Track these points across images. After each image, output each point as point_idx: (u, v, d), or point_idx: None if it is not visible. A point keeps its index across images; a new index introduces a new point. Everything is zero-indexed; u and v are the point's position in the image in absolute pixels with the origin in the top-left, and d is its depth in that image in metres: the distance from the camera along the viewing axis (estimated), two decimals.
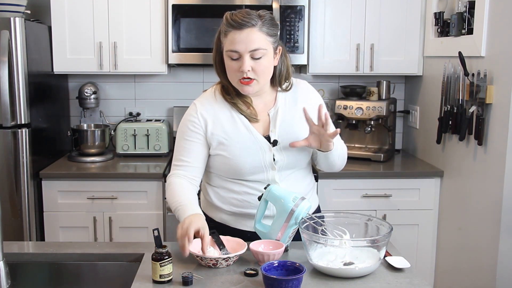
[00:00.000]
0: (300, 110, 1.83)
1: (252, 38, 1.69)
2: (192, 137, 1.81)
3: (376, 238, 1.59)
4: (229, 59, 1.73)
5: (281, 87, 1.87)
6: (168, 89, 3.48)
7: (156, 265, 1.50)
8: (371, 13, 3.11)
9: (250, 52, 1.70)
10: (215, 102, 1.84)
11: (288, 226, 1.65)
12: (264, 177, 1.80)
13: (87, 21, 3.04)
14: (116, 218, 2.89)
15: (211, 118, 1.81)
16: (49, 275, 1.77)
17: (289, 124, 1.83)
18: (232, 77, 1.76)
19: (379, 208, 2.94)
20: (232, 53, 1.71)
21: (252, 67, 1.71)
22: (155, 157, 3.22)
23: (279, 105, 1.85)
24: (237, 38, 1.69)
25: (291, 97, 1.88)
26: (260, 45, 1.70)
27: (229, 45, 1.71)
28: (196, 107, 1.83)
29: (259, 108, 1.84)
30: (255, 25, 1.70)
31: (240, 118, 1.81)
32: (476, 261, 2.56)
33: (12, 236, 2.76)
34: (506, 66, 2.31)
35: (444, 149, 2.91)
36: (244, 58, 1.70)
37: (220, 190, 1.86)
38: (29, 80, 2.77)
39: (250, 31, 1.69)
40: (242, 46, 1.69)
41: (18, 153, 2.75)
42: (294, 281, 1.41)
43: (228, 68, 1.76)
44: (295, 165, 1.84)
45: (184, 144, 1.82)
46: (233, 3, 2.98)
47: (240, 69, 1.71)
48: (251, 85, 1.75)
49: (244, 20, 1.69)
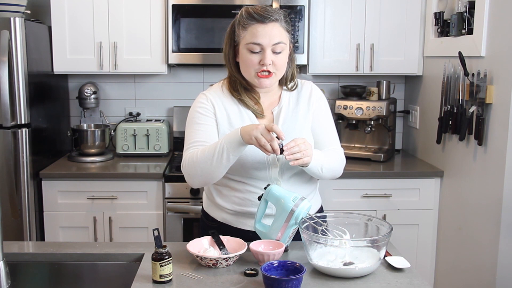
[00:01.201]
0: (303, 109, 1.86)
1: (275, 32, 1.73)
2: (203, 120, 1.81)
3: (376, 238, 1.59)
4: (248, 52, 1.75)
5: (287, 86, 1.89)
6: (168, 89, 3.48)
7: (156, 265, 1.50)
8: (371, 13, 3.11)
9: (273, 46, 1.73)
10: (222, 95, 1.86)
11: (288, 226, 1.65)
12: (266, 174, 1.80)
13: (87, 21, 3.04)
14: (116, 218, 2.89)
15: (218, 105, 1.83)
16: (49, 275, 1.77)
17: (291, 123, 1.84)
18: (250, 71, 1.77)
19: (379, 208, 2.94)
20: (254, 45, 1.73)
21: (272, 60, 1.74)
22: (155, 157, 3.22)
23: (283, 104, 1.87)
24: (261, 31, 1.72)
25: (294, 96, 1.90)
26: (281, 39, 1.74)
27: (251, 38, 1.73)
28: (206, 95, 1.85)
29: (265, 105, 1.86)
30: (278, 19, 1.74)
31: (247, 112, 1.83)
32: (476, 261, 2.56)
33: (12, 236, 2.76)
34: (506, 66, 2.31)
35: (444, 149, 2.91)
36: (266, 51, 1.73)
37: (222, 189, 1.86)
38: (29, 80, 2.77)
39: (273, 25, 1.73)
40: (265, 40, 1.72)
41: (18, 153, 2.75)
42: (294, 281, 1.41)
43: (247, 61, 1.76)
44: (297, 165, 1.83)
45: (197, 127, 1.81)
46: (233, 3, 2.98)
47: (261, 62, 1.73)
48: (270, 79, 1.77)
49: (268, 14, 1.73)
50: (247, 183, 1.82)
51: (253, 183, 1.81)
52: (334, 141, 1.91)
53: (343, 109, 3.19)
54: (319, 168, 1.77)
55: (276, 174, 1.81)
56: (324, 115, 1.92)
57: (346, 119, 3.22)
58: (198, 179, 1.75)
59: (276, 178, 1.81)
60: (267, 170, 1.80)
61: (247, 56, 1.75)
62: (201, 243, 1.70)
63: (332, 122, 1.95)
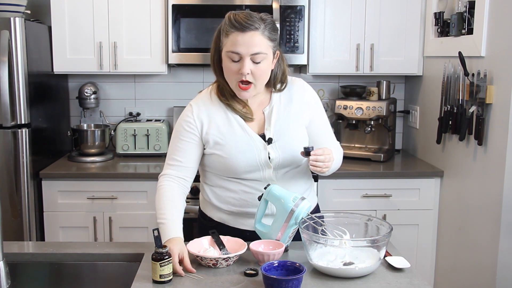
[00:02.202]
0: (295, 108, 1.85)
1: (255, 41, 1.69)
2: (186, 137, 1.81)
3: (376, 238, 1.59)
4: (228, 60, 1.72)
5: (275, 89, 1.87)
6: (168, 89, 3.48)
7: (156, 265, 1.50)
8: (371, 13, 3.11)
9: (251, 56, 1.69)
10: (210, 103, 1.84)
11: (288, 226, 1.65)
12: (260, 175, 1.80)
13: (87, 21, 3.04)
14: (116, 218, 2.89)
15: (206, 119, 1.81)
16: (49, 275, 1.77)
17: (284, 122, 1.83)
18: (231, 79, 1.76)
19: (379, 208, 2.94)
20: (232, 54, 1.70)
21: (251, 70, 1.71)
22: (155, 157, 3.22)
23: (274, 103, 1.85)
24: (239, 40, 1.68)
25: (286, 95, 1.88)
26: (261, 49, 1.70)
27: (230, 46, 1.70)
28: (192, 108, 1.83)
29: (254, 107, 1.84)
30: (258, 28, 1.69)
31: (235, 117, 1.81)
32: (476, 261, 2.56)
33: (12, 236, 2.76)
34: (506, 66, 2.31)
35: (444, 149, 2.91)
36: (244, 60, 1.69)
37: (217, 189, 1.86)
38: (29, 80, 2.77)
39: (253, 34, 1.69)
40: (244, 49, 1.68)
41: (18, 153, 2.75)
42: (294, 281, 1.41)
43: (227, 69, 1.75)
44: (291, 163, 1.83)
45: (179, 144, 1.82)
46: (233, 3, 2.98)
47: (240, 71, 1.70)
48: (248, 91, 1.75)
49: (248, 23, 1.68)
50: (242, 183, 1.82)
51: (248, 183, 1.81)
52: (331, 138, 1.92)
53: (343, 109, 3.19)
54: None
55: (270, 174, 1.81)
56: (320, 113, 1.92)
57: (346, 119, 3.22)
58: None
59: (270, 178, 1.81)
60: (261, 172, 1.80)
61: (227, 64, 1.74)
62: (201, 243, 1.70)
63: (327, 119, 1.95)
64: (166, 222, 1.71)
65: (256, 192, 1.79)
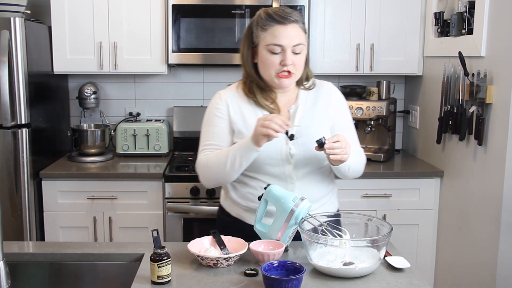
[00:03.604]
0: (321, 108, 1.88)
1: (295, 33, 1.77)
2: (217, 122, 1.86)
3: (376, 238, 1.59)
4: (268, 53, 1.77)
5: (304, 86, 1.91)
6: (168, 89, 3.48)
7: (154, 266, 1.49)
8: (371, 13, 3.11)
9: (293, 47, 1.76)
10: (238, 95, 1.89)
11: (288, 226, 1.65)
12: (280, 171, 1.81)
13: (87, 21, 3.04)
14: (116, 218, 2.89)
15: (233, 105, 1.86)
16: (49, 275, 1.77)
17: (308, 120, 1.85)
18: (270, 71, 1.80)
19: (379, 208, 2.94)
20: (274, 47, 1.76)
21: (292, 61, 1.77)
22: (155, 157, 3.22)
23: (300, 102, 1.89)
24: (282, 32, 1.75)
25: (312, 96, 1.91)
26: (301, 40, 1.78)
27: (272, 39, 1.76)
28: (220, 96, 1.90)
29: (281, 104, 1.88)
30: (297, 20, 1.78)
31: (262, 112, 1.85)
32: (476, 261, 2.56)
33: (12, 236, 2.76)
34: (506, 66, 2.31)
35: (444, 149, 2.90)
36: (286, 52, 1.76)
37: (237, 184, 1.88)
38: (29, 80, 2.77)
39: (293, 26, 1.77)
40: (286, 40, 1.75)
41: (18, 153, 2.75)
42: (294, 281, 1.41)
43: (267, 62, 1.79)
44: (312, 162, 1.83)
45: (212, 129, 1.86)
46: (233, 3, 2.98)
47: (282, 62, 1.76)
48: (289, 79, 1.80)
49: (287, 15, 1.76)
50: (262, 180, 1.83)
51: (268, 180, 1.82)
52: (355, 142, 1.92)
53: None
54: (347, 168, 1.80)
55: (290, 171, 1.81)
56: (345, 116, 1.94)
57: None
58: (212, 182, 1.86)
59: (290, 176, 1.82)
60: (281, 167, 1.80)
61: (267, 57, 1.78)
62: (201, 243, 1.70)
63: (352, 123, 1.96)
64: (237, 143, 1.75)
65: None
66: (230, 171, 1.75)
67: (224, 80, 3.46)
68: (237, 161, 1.73)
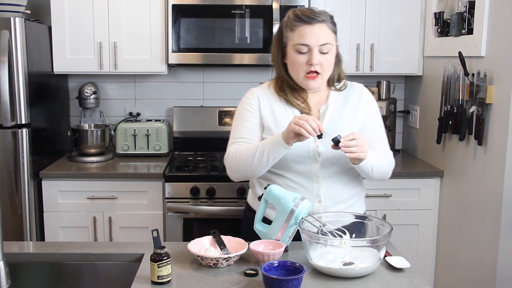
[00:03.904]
0: (350, 109, 1.89)
1: (322, 32, 1.78)
2: (249, 117, 1.88)
3: (376, 238, 1.59)
4: (296, 53, 1.79)
5: (335, 87, 1.92)
6: (168, 89, 3.48)
7: (154, 266, 1.49)
8: (371, 13, 3.11)
9: (320, 46, 1.77)
10: (269, 93, 1.91)
11: (288, 226, 1.65)
12: (307, 169, 1.82)
13: (87, 21, 3.04)
14: (116, 218, 2.89)
15: (264, 102, 1.89)
16: (49, 275, 1.77)
17: (337, 121, 1.86)
18: (298, 71, 1.81)
19: (379, 208, 2.94)
20: (301, 46, 1.78)
21: (319, 61, 1.78)
22: (155, 157, 3.22)
23: (330, 103, 1.89)
24: (308, 32, 1.77)
25: (343, 96, 1.92)
26: (328, 39, 1.79)
27: (298, 39, 1.78)
28: (253, 92, 1.92)
29: (312, 104, 1.89)
30: (325, 20, 1.79)
31: (292, 110, 1.87)
32: (476, 261, 2.56)
33: (12, 236, 2.76)
34: (506, 66, 2.31)
35: (444, 149, 2.90)
36: (313, 51, 1.77)
37: (264, 182, 1.88)
38: (29, 80, 2.77)
39: (320, 26, 1.78)
40: (313, 40, 1.77)
41: (18, 153, 2.75)
42: (294, 281, 1.41)
43: (294, 62, 1.81)
44: (339, 162, 1.83)
45: (243, 124, 1.88)
46: (233, 3, 2.98)
47: (309, 62, 1.78)
48: (316, 80, 1.81)
49: (314, 16, 1.78)
50: (288, 177, 1.84)
51: (294, 178, 1.83)
52: (383, 145, 1.91)
53: None
54: (369, 168, 1.78)
55: (316, 170, 1.82)
56: (374, 118, 1.93)
57: None
58: (239, 174, 1.86)
59: (316, 175, 1.82)
60: (308, 165, 1.81)
61: (294, 57, 1.80)
62: (201, 243, 1.70)
63: (382, 125, 1.95)
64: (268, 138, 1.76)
65: (301, 189, 1.82)
66: (257, 164, 1.76)
67: (224, 80, 3.47)
68: (265, 155, 1.74)
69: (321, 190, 1.84)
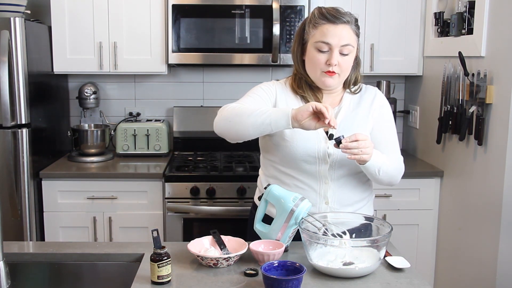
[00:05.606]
0: (362, 112, 1.87)
1: (345, 33, 1.76)
2: (261, 94, 1.86)
3: (376, 238, 1.59)
4: (316, 50, 1.78)
5: (350, 89, 1.90)
6: (168, 89, 3.48)
7: (154, 266, 1.49)
8: (371, 13, 3.11)
9: (341, 47, 1.76)
10: (286, 89, 1.90)
11: (288, 226, 1.65)
12: (316, 169, 1.81)
13: (87, 21, 3.04)
14: (116, 218, 2.89)
15: (281, 95, 1.87)
16: (49, 275, 1.77)
17: (349, 124, 1.84)
18: (316, 69, 1.80)
19: (379, 208, 2.94)
20: (322, 44, 1.76)
21: (338, 61, 1.76)
22: (155, 157, 3.22)
23: (343, 105, 1.88)
24: (331, 31, 1.75)
25: (356, 99, 1.90)
26: (350, 41, 1.77)
27: (320, 37, 1.76)
28: (274, 83, 1.91)
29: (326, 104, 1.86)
30: (349, 22, 1.78)
31: None
32: (476, 261, 2.56)
33: (12, 236, 2.76)
34: (506, 66, 2.31)
35: (444, 149, 2.90)
36: (333, 51, 1.76)
37: (272, 181, 1.88)
38: (29, 80, 2.77)
39: (344, 27, 1.77)
40: (335, 40, 1.75)
41: (18, 153, 2.75)
42: (294, 281, 1.41)
43: (313, 60, 1.79)
44: (349, 165, 1.81)
45: (253, 96, 1.85)
46: (233, 3, 2.98)
47: (328, 62, 1.76)
48: (333, 78, 1.79)
49: (339, 16, 1.77)
50: (296, 177, 1.83)
51: (303, 178, 1.82)
52: (394, 149, 1.89)
53: None
54: (376, 170, 1.76)
55: (325, 171, 1.81)
56: (386, 122, 1.90)
57: None
58: (224, 123, 1.74)
59: (325, 176, 1.82)
60: (317, 165, 1.80)
61: (314, 54, 1.78)
62: (201, 243, 1.70)
63: (394, 130, 1.92)
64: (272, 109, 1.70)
65: (309, 189, 1.81)
66: (250, 122, 1.67)
67: (224, 80, 3.47)
68: (263, 116, 1.65)
69: (329, 191, 1.83)
